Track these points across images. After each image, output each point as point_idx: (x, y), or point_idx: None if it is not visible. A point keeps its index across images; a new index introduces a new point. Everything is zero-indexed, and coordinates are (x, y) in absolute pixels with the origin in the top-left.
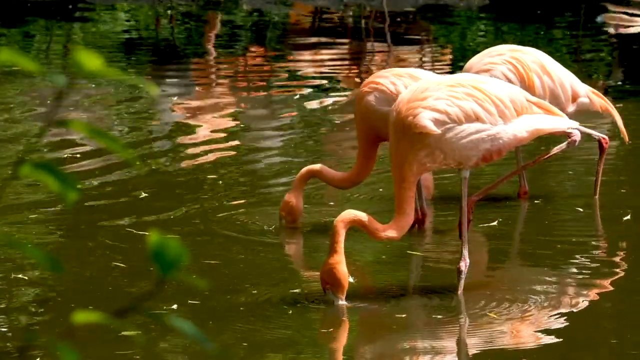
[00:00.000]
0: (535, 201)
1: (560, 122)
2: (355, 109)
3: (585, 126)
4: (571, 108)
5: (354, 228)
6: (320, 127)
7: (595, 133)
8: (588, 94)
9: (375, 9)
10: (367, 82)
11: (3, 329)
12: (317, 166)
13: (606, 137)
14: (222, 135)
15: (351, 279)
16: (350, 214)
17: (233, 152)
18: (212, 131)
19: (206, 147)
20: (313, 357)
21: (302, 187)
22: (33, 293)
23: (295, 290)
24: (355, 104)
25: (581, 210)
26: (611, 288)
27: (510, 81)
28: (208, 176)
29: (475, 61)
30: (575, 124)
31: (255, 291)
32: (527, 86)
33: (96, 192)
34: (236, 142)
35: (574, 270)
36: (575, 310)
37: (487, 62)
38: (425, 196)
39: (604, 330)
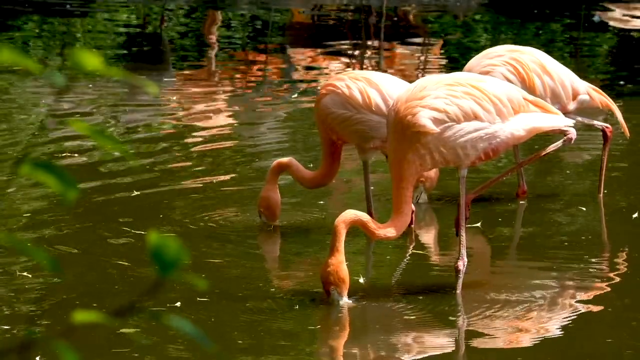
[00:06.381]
0: (535, 200)
1: (557, 120)
2: (314, 111)
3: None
4: (572, 106)
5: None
6: None
7: (598, 123)
8: (588, 90)
9: (375, 7)
10: (325, 84)
11: (4, 327)
12: (286, 159)
13: (609, 126)
14: (219, 133)
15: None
16: (351, 213)
17: (230, 151)
18: (208, 130)
19: (203, 146)
20: (316, 355)
21: (275, 181)
22: (35, 292)
23: (298, 288)
24: (314, 106)
25: (584, 209)
26: (612, 288)
27: (510, 82)
28: (205, 175)
29: (474, 63)
30: (571, 122)
31: (256, 289)
32: (527, 86)
33: (93, 191)
34: (233, 141)
35: (575, 270)
36: (575, 310)
37: (487, 64)
38: (428, 187)
39: (603, 330)
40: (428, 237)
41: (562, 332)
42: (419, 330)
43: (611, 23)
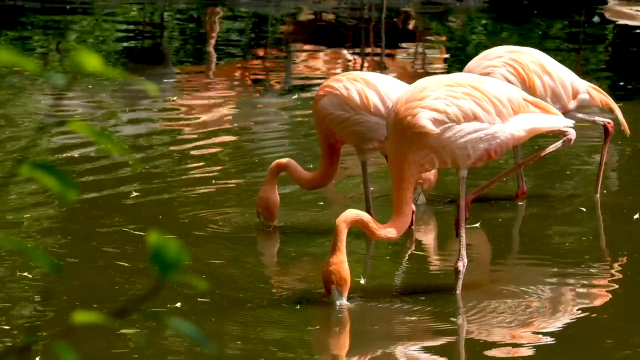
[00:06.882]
0: (535, 201)
1: (556, 121)
2: (313, 113)
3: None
4: (572, 105)
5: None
6: None
7: (599, 119)
8: (588, 89)
9: (375, 5)
10: (323, 85)
11: (5, 327)
12: (285, 160)
13: (611, 121)
14: (219, 135)
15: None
16: (353, 213)
17: (229, 153)
18: (208, 130)
19: (202, 147)
20: (316, 356)
21: (274, 181)
22: (35, 293)
23: (298, 289)
24: (313, 107)
25: (584, 210)
26: (613, 289)
27: (511, 83)
28: (204, 176)
29: (474, 64)
30: (570, 122)
31: (256, 290)
32: (528, 87)
33: (92, 192)
34: (232, 143)
35: (575, 271)
36: (575, 311)
37: (487, 66)
38: (426, 189)
39: (603, 331)
40: (428, 237)
41: (562, 332)
42: (419, 331)
43: (611, 17)
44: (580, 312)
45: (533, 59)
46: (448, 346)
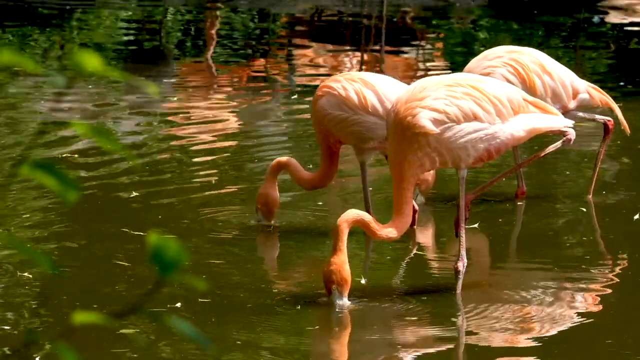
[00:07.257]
0: (535, 201)
1: (556, 121)
2: (311, 113)
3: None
4: (572, 105)
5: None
6: None
7: (599, 117)
8: (587, 89)
9: (376, 8)
10: (321, 86)
11: (5, 327)
12: (286, 159)
13: (611, 119)
14: (219, 135)
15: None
16: (354, 213)
17: (229, 153)
18: (208, 131)
19: (203, 147)
20: (315, 356)
21: (274, 179)
22: (36, 292)
23: (298, 289)
24: (311, 108)
25: (584, 210)
26: (612, 289)
27: (511, 83)
28: (204, 175)
29: (474, 65)
30: (570, 122)
31: (256, 290)
32: (528, 87)
33: (93, 192)
34: (233, 143)
35: (575, 271)
36: (575, 311)
37: (487, 66)
38: (424, 190)
39: (603, 331)
40: (428, 238)
41: (562, 333)
42: (419, 331)
43: (618, 16)
44: (580, 312)
45: (533, 59)
46: (448, 347)
